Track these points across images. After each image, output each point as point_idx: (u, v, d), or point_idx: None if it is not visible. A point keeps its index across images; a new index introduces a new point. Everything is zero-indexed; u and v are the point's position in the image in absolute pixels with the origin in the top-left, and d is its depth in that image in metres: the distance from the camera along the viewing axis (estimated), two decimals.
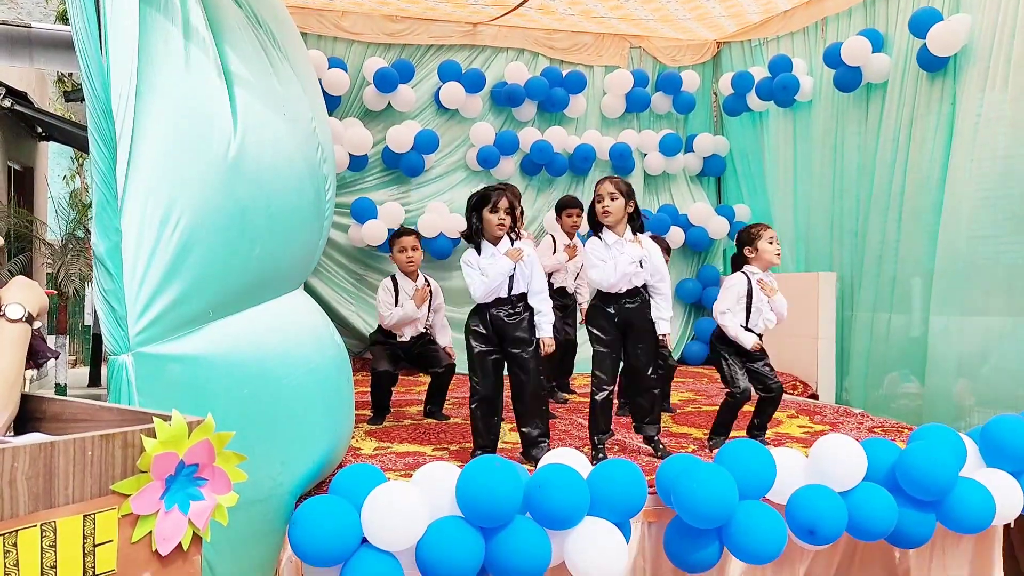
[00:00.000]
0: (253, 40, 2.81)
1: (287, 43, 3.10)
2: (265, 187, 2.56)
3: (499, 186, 3.86)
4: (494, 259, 3.64)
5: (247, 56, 2.66)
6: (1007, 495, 3.26)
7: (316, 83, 3.41)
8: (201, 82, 2.39)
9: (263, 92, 2.66)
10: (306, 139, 2.92)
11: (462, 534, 2.64)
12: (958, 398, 5.09)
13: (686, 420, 4.84)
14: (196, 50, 2.40)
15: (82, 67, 2.14)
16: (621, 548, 2.79)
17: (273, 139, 2.63)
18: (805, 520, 2.98)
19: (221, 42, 2.56)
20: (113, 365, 2.15)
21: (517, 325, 3.65)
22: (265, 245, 2.57)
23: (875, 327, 5.96)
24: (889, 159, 5.87)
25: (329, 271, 6.99)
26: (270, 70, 2.81)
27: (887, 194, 5.87)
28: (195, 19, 2.46)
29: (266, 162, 2.57)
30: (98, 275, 2.16)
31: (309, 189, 2.88)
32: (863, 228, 6.16)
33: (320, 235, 3.19)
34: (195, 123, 2.34)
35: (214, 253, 2.35)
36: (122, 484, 1.46)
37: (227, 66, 2.52)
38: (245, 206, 2.47)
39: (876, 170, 5.99)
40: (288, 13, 3.37)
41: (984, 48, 5.11)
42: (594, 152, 7.49)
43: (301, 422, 2.81)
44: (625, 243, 3.80)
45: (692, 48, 7.98)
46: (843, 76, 6.20)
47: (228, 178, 2.39)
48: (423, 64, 7.29)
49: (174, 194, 2.25)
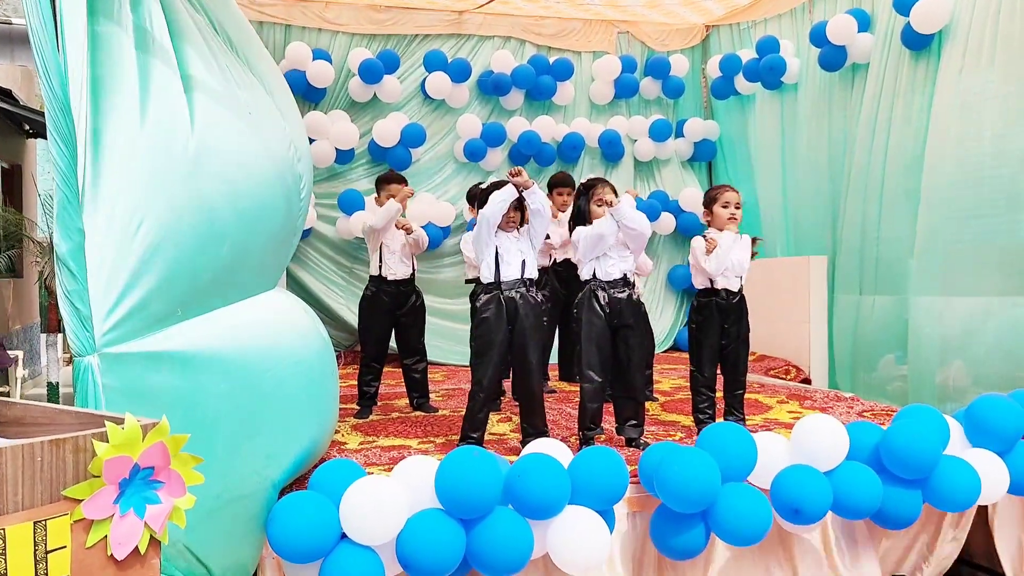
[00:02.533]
0: (214, 45, 2.80)
1: (247, 49, 3.09)
2: (232, 184, 2.54)
3: (506, 181, 3.86)
4: (507, 242, 3.78)
5: (207, 60, 2.66)
6: (992, 474, 3.26)
7: (284, 86, 3.40)
8: (161, 86, 2.38)
9: (223, 94, 2.65)
10: (276, 138, 2.91)
11: (442, 527, 2.63)
12: (944, 380, 5.08)
13: (676, 408, 4.83)
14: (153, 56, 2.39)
15: (39, 66, 2.11)
16: (604, 536, 2.78)
17: (237, 138, 2.62)
18: (789, 500, 2.97)
19: (181, 44, 2.55)
20: (79, 367, 2.13)
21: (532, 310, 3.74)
22: (235, 242, 2.55)
23: (862, 309, 5.94)
24: (871, 140, 5.82)
25: (317, 263, 6.97)
26: (231, 75, 2.80)
27: (866, 175, 5.84)
28: (153, 23, 2.45)
29: (231, 160, 2.55)
30: (61, 276, 2.13)
31: (279, 186, 2.86)
32: (849, 209, 6.12)
33: (294, 233, 3.18)
34: (156, 123, 2.32)
35: (181, 251, 2.33)
36: (74, 489, 1.44)
37: (185, 69, 2.51)
38: (212, 203, 2.45)
39: (858, 151, 5.95)
40: (246, 21, 3.35)
41: (968, 25, 5.06)
42: (583, 141, 7.45)
43: (286, 415, 2.80)
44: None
45: (681, 32, 7.92)
46: (828, 55, 6.15)
47: (192, 176, 2.37)
48: (409, 54, 7.24)
49: (138, 193, 2.23)
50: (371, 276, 4.75)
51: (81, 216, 2.12)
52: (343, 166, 7.05)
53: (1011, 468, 3.31)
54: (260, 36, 6.69)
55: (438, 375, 6.27)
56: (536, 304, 3.79)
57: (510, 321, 3.72)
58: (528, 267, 3.80)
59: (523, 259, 3.79)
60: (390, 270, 4.67)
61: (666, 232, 7.54)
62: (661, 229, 7.43)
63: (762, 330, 6.80)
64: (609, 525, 2.87)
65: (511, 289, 3.74)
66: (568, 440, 3.94)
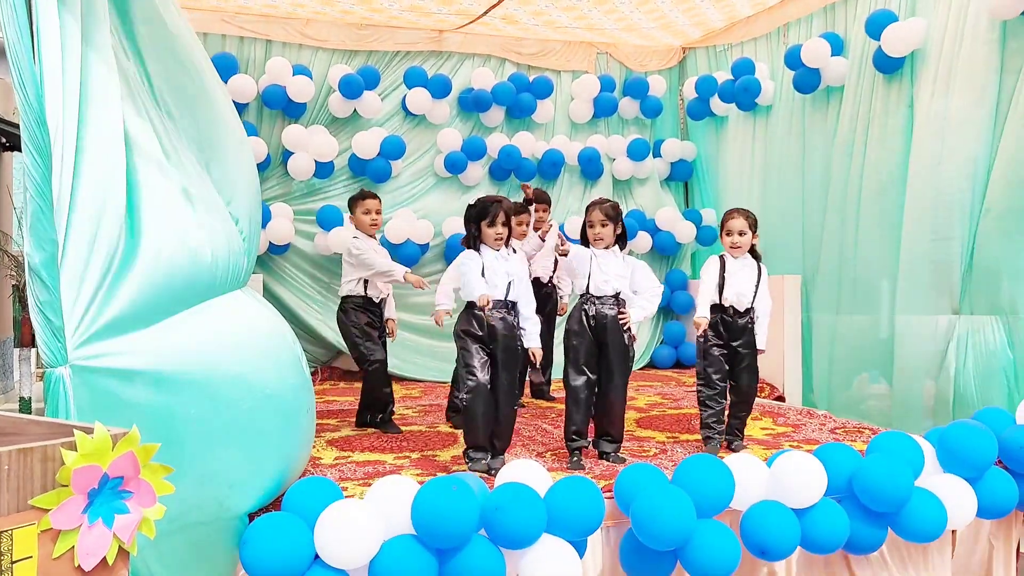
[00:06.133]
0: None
1: (189, 103, 3.04)
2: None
3: (496, 198, 3.86)
4: (495, 262, 3.73)
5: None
6: (960, 502, 3.30)
7: (232, 130, 3.36)
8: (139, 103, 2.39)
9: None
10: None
11: (416, 555, 2.61)
12: (923, 399, 5.15)
13: (651, 424, 4.85)
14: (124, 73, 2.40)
15: (15, 77, 2.11)
16: (575, 566, 2.78)
17: None
18: (757, 539, 2.99)
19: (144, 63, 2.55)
20: (50, 378, 2.12)
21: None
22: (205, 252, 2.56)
23: (839, 329, 6.02)
24: (848, 161, 5.93)
25: (295, 279, 6.94)
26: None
27: (843, 195, 5.94)
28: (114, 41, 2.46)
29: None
30: (33, 286, 2.13)
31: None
32: (825, 230, 6.22)
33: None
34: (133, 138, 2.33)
35: (153, 263, 2.33)
36: (41, 499, 1.44)
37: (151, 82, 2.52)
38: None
39: (834, 172, 6.06)
40: (198, 56, 3.23)
41: (937, 50, 5.19)
42: (563, 157, 7.51)
43: (254, 447, 2.76)
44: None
45: (658, 54, 8.03)
46: (802, 78, 6.27)
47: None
48: (389, 72, 7.27)
49: (109, 209, 2.23)
50: (351, 295, 4.71)
51: (54, 227, 2.12)
52: (322, 180, 7.05)
53: (979, 495, 3.36)
54: (240, 51, 6.79)
55: (415, 391, 6.27)
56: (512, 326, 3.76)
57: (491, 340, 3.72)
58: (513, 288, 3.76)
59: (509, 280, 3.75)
60: (376, 291, 4.73)
61: (643, 251, 7.60)
62: (638, 248, 7.49)
63: None
64: (580, 552, 2.86)
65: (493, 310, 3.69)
66: (544, 456, 3.96)
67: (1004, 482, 3.43)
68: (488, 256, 3.75)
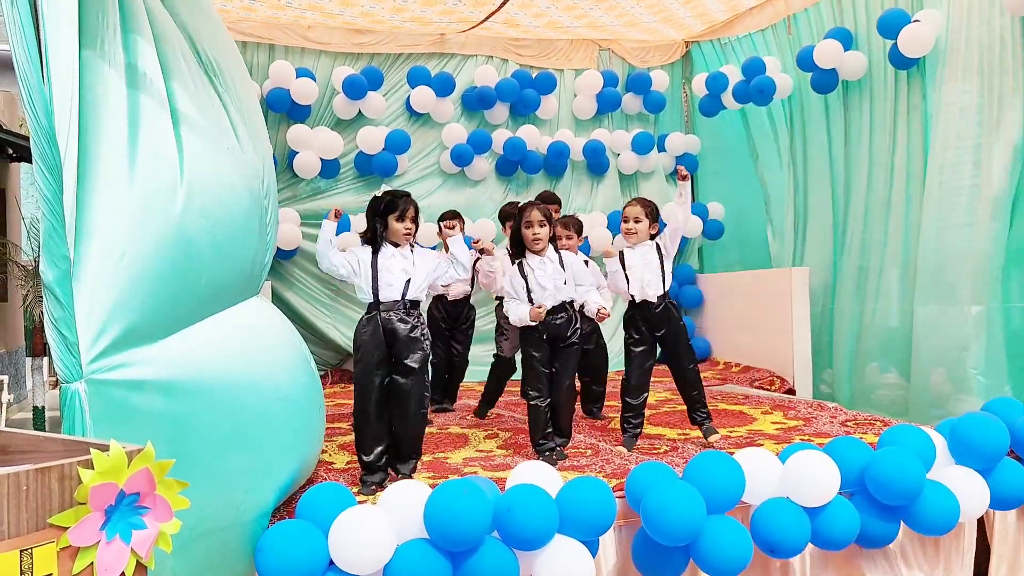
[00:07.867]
0: (198, 73, 2.83)
1: (230, 73, 3.12)
2: (211, 220, 2.59)
3: (404, 192, 3.67)
4: (392, 260, 3.54)
5: (193, 92, 2.70)
6: (973, 494, 3.30)
7: (258, 109, 3.44)
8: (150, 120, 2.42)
9: (208, 128, 2.70)
10: (249, 173, 2.96)
11: (430, 558, 2.64)
12: (937, 388, 5.14)
13: (662, 420, 4.86)
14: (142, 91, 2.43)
15: (25, 96, 2.13)
16: (588, 566, 2.80)
17: (216, 175, 2.66)
18: (768, 537, 3.00)
19: (169, 79, 2.59)
20: (65, 393, 2.14)
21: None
22: (211, 275, 2.60)
23: (854, 320, 6.01)
24: (871, 154, 5.91)
25: (304, 283, 6.97)
26: (213, 103, 2.84)
27: (868, 188, 5.93)
28: (144, 59, 2.49)
29: (212, 197, 2.60)
30: (48, 303, 2.15)
31: (254, 218, 2.91)
32: (841, 222, 6.21)
33: (265, 255, 3.23)
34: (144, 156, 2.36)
35: (162, 281, 2.37)
36: (59, 517, 1.46)
37: (174, 104, 2.55)
38: (192, 237, 2.49)
39: (857, 164, 6.04)
40: (232, 42, 3.37)
41: (953, 44, 5.17)
42: (568, 149, 7.52)
43: (269, 450, 2.80)
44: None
45: (661, 49, 8.02)
46: (820, 79, 6.21)
47: (175, 211, 2.43)
48: (392, 73, 7.29)
49: (123, 224, 2.26)
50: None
51: (67, 244, 2.14)
52: (328, 180, 7.07)
53: (992, 486, 3.36)
54: (244, 56, 6.79)
55: None
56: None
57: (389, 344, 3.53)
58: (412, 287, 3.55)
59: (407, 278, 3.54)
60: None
61: None
62: None
63: (746, 341, 6.89)
64: (592, 551, 2.88)
65: (389, 311, 3.51)
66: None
67: (1017, 473, 3.43)
68: (386, 253, 3.55)
